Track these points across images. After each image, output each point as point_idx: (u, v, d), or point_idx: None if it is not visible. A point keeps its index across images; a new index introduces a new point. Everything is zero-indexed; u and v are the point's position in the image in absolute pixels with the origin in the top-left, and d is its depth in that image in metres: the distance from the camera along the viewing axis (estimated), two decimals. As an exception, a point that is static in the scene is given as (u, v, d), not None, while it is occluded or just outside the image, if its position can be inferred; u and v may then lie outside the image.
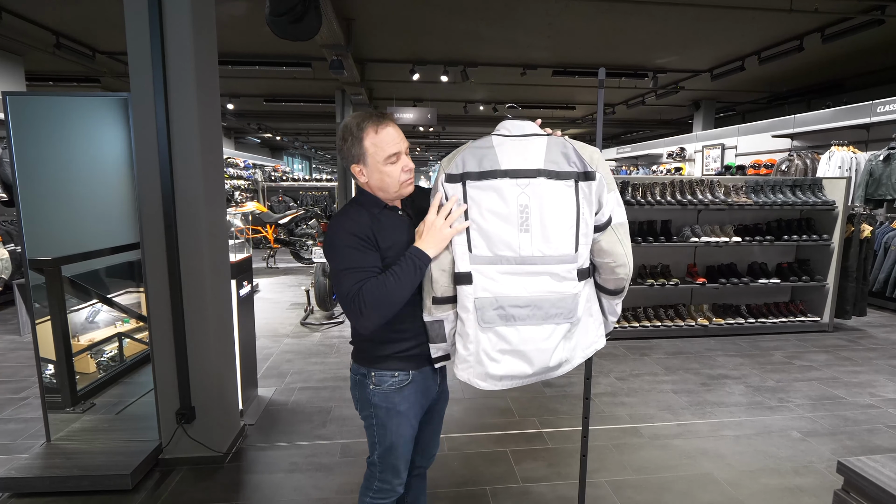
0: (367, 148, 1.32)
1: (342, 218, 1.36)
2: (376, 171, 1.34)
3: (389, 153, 1.32)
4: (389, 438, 1.43)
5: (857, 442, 2.72)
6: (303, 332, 4.64)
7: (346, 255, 1.30)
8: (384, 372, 1.40)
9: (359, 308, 1.25)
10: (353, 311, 1.26)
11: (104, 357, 2.93)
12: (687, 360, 3.95)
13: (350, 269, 1.28)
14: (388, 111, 1.36)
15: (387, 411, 1.41)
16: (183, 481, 2.33)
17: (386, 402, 1.41)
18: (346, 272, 1.28)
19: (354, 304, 1.25)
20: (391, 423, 1.42)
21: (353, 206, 1.40)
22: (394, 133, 1.33)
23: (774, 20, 5.99)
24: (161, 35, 2.13)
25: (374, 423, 1.44)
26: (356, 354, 1.46)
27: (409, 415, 1.44)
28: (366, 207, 1.38)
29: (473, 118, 13.45)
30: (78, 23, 6.37)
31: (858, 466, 1.25)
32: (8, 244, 5.25)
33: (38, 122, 2.40)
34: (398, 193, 1.38)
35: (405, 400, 1.42)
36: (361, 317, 1.26)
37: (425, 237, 1.31)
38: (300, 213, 8.71)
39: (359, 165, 1.35)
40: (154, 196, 2.24)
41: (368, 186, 1.39)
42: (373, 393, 1.41)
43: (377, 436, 1.44)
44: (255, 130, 16.51)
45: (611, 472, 2.41)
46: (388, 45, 7.47)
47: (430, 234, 1.30)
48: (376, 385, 1.41)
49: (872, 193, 5.76)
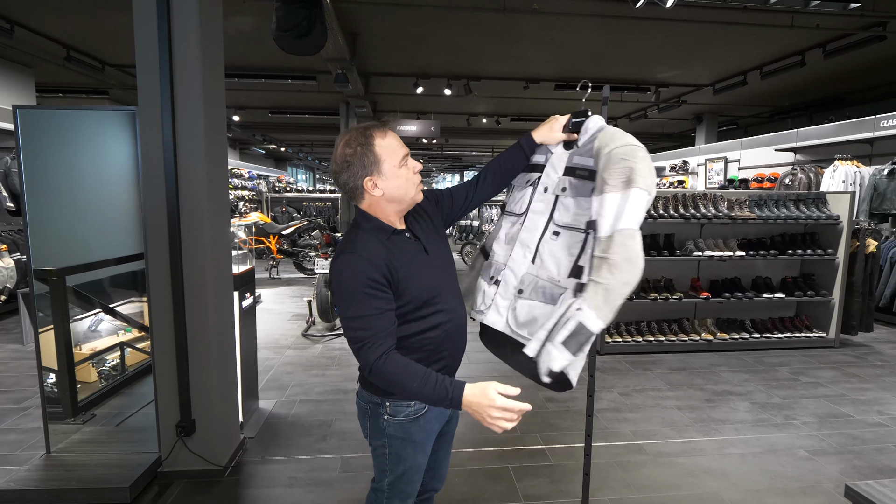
0: (378, 154, 1.24)
1: (354, 257, 1.22)
2: (393, 178, 1.26)
3: (402, 154, 1.27)
4: (402, 468, 1.36)
5: (865, 461, 2.67)
6: (304, 343, 4.63)
7: (360, 301, 1.19)
8: (400, 402, 1.32)
9: (370, 362, 1.18)
10: (362, 360, 1.20)
11: (106, 366, 2.92)
12: (691, 375, 3.91)
13: (363, 316, 1.19)
14: (390, 122, 1.34)
15: (402, 441, 1.34)
16: (181, 495, 2.31)
17: (401, 432, 1.33)
18: (359, 319, 1.19)
19: (367, 355, 1.18)
20: (406, 452, 1.35)
21: (362, 234, 1.27)
22: (396, 136, 1.30)
23: (776, 36, 6.03)
24: (169, 49, 2.17)
25: (386, 453, 1.36)
26: (367, 383, 1.35)
27: (424, 444, 1.38)
28: (375, 235, 1.27)
29: (476, 131, 13.55)
30: (88, 36, 6.49)
31: (867, 491, 1.23)
32: (14, 253, 5.28)
33: (47, 134, 2.43)
34: (413, 200, 1.31)
35: (421, 429, 1.35)
36: (369, 372, 1.20)
37: (476, 400, 1.15)
38: (303, 224, 8.74)
39: (373, 177, 1.25)
40: (159, 208, 2.26)
41: (379, 203, 1.29)
42: (387, 423, 1.33)
43: (389, 465, 1.37)
44: (260, 142, 16.66)
45: (614, 491, 2.37)
46: (393, 59, 7.56)
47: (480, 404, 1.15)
48: (391, 415, 1.32)
49: (877, 208, 5.74)
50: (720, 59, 7.20)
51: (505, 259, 1.55)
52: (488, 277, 1.59)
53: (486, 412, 1.14)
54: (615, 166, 1.25)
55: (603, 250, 1.23)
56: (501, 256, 1.58)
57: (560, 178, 1.47)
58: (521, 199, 1.57)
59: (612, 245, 1.22)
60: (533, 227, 1.50)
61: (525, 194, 1.57)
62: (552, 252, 1.42)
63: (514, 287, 1.49)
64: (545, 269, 1.43)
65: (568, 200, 1.43)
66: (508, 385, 1.16)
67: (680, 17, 5.35)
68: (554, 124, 1.53)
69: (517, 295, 1.47)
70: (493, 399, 1.13)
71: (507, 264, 1.53)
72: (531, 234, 1.49)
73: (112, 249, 2.70)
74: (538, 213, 1.50)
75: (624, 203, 1.22)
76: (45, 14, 5.66)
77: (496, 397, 1.14)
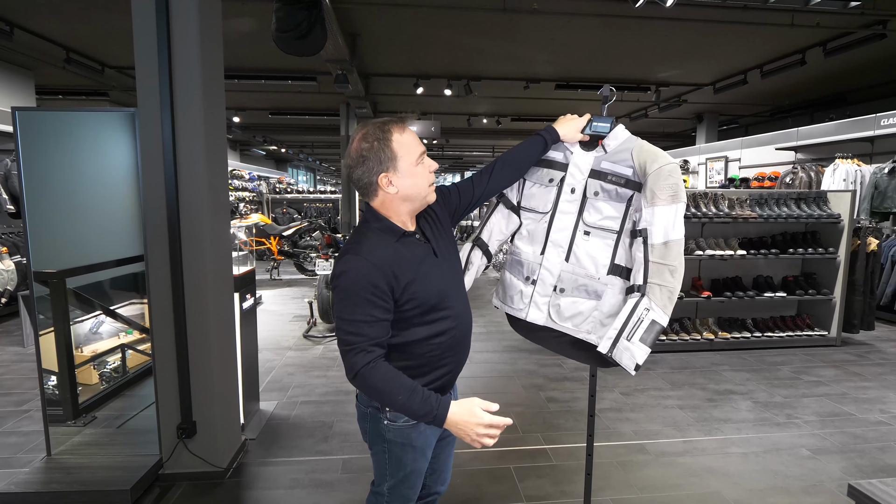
0: (395, 150, 1.21)
1: (360, 259, 1.19)
2: (408, 175, 1.23)
3: (419, 151, 1.25)
4: (403, 472, 1.35)
5: (867, 460, 2.66)
6: (305, 344, 4.63)
7: (357, 304, 1.17)
8: None
9: (355, 368, 1.16)
10: (347, 364, 1.18)
11: (107, 368, 2.92)
12: (692, 374, 3.90)
13: (356, 321, 1.17)
14: (408, 118, 1.33)
15: (402, 446, 1.33)
16: (183, 497, 2.30)
17: (401, 437, 1.32)
18: (352, 323, 1.17)
19: (353, 360, 1.16)
20: (406, 457, 1.34)
21: (370, 235, 1.25)
22: (413, 133, 1.28)
23: (776, 35, 6.03)
24: (168, 51, 2.16)
25: (387, 458, 1.35)
26: None
27: (424, 449, 1.37)
28: (383, 237, 1.24)
29: (477, 131, 13.55)
30: (88, 38, 6.49)
31: (871, 490, 1.22)
32: (14, 256, 5.29)
33: (46, 136, 2.43)
34: (426, 200, 1.29)
35: (421, 434, 1.33)
36: (353, 377, 1.17)
37: (460, 418, 1.17)
38: (304, 226, 8.75)
39: (388, 174, 1.22)
40: (159, 209, 2.25)
41: (392, 201, 1.26)
42: (387, 428, 1.31)
43: (389, 469, 1.36)
44: (261, 143, 16.68)
45: (616, 491, 2.37)
46: (393, 60, 7.56)
47: (464, 421, 1.17)
48: (391, 421, 1.31)
49: (878, 206, 5.74)
50: (720, 58, 7.20)
51: (535, 258, 1.63)
52: (523, 277, 1.66)
53: (473, 430, 1.16)
54: (663, 182, 1.42)
55: (661, 256, 1.42)
56: (531, 255, 1.64)
57: (588, 180, 1.56)
58: (544, 198, 1.62)
59: (670, 252, 1.42)
60: (563, 226, 1.59)
61: (548, 193, 1.62)
62: (587, 251, 1.55)
63: (551, 285, 1.60)
64: (582, 266, 1.56)
65: (599, 204, 1.54)
66: (488, 402, 1.20)
67: (680, 17, 5.34)
68: (576, 124, 1.59)
69: (560, 293, 1.58)
70: (481, 417, 1.16)
71: (543, 264, 1.61)
72: (562, 234, 1.59)
73: (112, 251, 2.69)
74: (566, 214, 1.59)
75: (674, 216, 1.42)
76: (44, 16, 5.67)
77: (483, 415, 1.17)
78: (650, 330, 1.40)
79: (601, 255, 1.54)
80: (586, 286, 1.55)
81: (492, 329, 5.12)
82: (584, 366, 3.97)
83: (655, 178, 1.43)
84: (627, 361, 1.42)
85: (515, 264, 1.69)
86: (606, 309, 1.53)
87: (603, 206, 1.53)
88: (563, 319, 1.58)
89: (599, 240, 1.54)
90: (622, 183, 1.50)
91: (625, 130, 1.56)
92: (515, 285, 1.68)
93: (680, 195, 1.42)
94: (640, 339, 1.41)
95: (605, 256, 1.53)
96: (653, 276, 1.42)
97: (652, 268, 1.42)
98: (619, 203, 1.52)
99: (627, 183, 1.50)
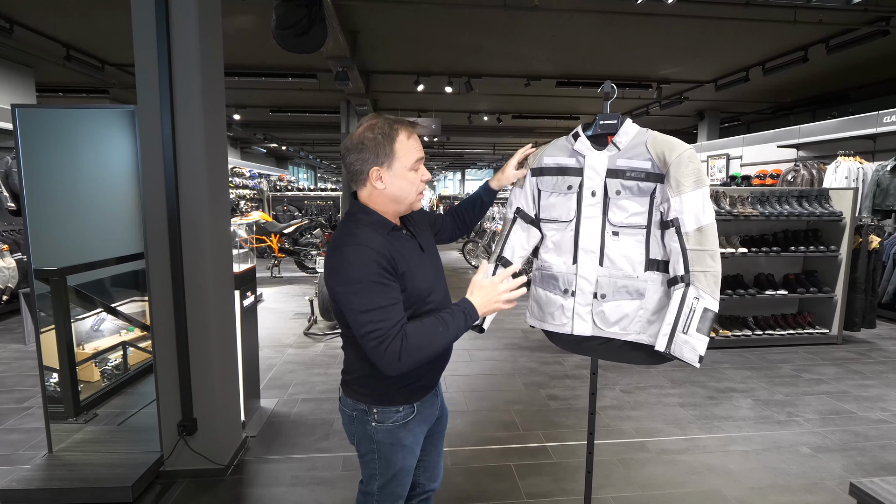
0: (396, 150, 1.22)
1: (361, 248, 1.17)
2: (400, 178, 1.24)
3: (417, 158, 1.26)
4: (392, 472, 1.36)
5: (868, 458, 2.66)
6: (306, 342, 4.63)
7: (374, 291, 1.15)
8: (388, 408, 1.31)
9: (397, 351, 1.13)
10: (388, 354, 1.13)
11: (108, 366, 2.93)
12: (693, 372, 3.90)
13: (381, 307, 1.14)
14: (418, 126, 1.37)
15: (391, 447, 1.33)
16: (184, 494, 2.31)
17: (390, 438, 1.32)
18: (377, 311, 1.14)
19: (392, 347, 1.13)
20: (395, 457, 1.34)
21: (361, 227, 1.23)
22: (419, 140, 1.29)
23: (778, 32, 6.00)
24: (168, 48, 2.16)
25: (376, 458, 1.35)
26: (352, 390, 1.35)
27: (413, 447, 1.37)
28: (375, 228, 1.24)
29: (478, 128, 13.52)
30: (88, 36, 6.48)
31: (872, 489, 1.22)
32: (15, 253, 5.29)
33: (46, 133, 2.42)
34: (411, 206, 1.31)
35: (409, 433, 1.34)
36: (398, 362, 1.13)
37: (481, 298, 1.23)
38: (305, 223, 8.73)
39: (381, 170, 1.23)
40: (159, 207, 2.25)
41: (378, 197, 1.26)
42: (375, 430, 1.32)
43: (379, 469, 1.36)
44: (261, 140, 16.66)
45: (617, 488, 2.37)
46: (393, 57, 7.54)
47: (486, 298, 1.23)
48: (379, 422, 1.31)
49: (880, 204, 5.72)
50: (722, 55, 7.17)
51: (569, 268, 1.60)
52: (560, 290, 1.62)
53: (497, 299, 1.23)
54: (685, 169, 1.41)
55: (698, 242, 1.41)
56: (563, 266, 1.61)
57: (606, 180, 1.53)
58: (565, 206, 1.60)
59: (706, 237, 1.41)
60: (591, 231, 1.56)
61: (569, 200, 1.59)
62: (620, 252, 1.53)
63: (591, 293, 1.57)
64: (618, 268, 1.53)
65: (623, 202, 1.51)
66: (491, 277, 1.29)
67: (681, 13, 5.32)
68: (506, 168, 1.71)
69: (601, 299, 1.55)
70: (493, 283, 1.25)
71: (578, 273, 1.58)
72: (591, 240, 1.56)
73: (112, 249, 2.69)
74: (591, 218, 1.56)
75: (702, 200, 1.41)
76: (44, 13, 5.66)
77: (492, 281, 1.25)
78: (704, 319, 1.39)
79: (635, 253, 1.51)
80: (627, 287, 1.52)
81: (492, 327, 5.11)
82: (584, 363, 3.96)
83: (677, 166, 1.42)
84: (689, 355, 1.40)
85: (548, 279, 1.65)
86: (652, 306, 1.51)
87: (627, 203, 1.51)
88: (609, 325, 1.55)
89: (629, 237, 1.52)
90: (642, 177, 1.48)
91: (633, 124, 1.54)
92: (553, 301, 1.63)
93: (703, 179, 1.42)
94: (697, 330, 1.40)
95: (639, 253, 1.51)
96: (694, 263, 1.41)
97: (691, 255, 1.41)
98: (643, 197, 1.49)
99: (648, 176, 1.47)
